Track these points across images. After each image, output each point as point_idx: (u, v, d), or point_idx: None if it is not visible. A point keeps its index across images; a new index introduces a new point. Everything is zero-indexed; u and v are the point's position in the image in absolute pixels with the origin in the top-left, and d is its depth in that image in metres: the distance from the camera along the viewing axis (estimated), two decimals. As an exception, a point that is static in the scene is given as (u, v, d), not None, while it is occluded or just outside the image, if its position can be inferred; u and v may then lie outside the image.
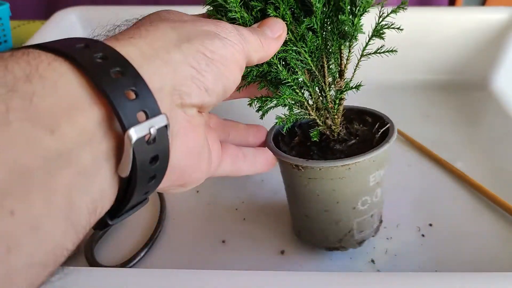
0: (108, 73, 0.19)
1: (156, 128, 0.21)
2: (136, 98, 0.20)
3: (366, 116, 0.39)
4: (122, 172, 0.20)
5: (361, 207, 0.36)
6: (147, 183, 0.22)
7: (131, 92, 0.20)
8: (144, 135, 0.20)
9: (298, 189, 0.37)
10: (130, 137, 0.19)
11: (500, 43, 0.64)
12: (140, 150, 0.20)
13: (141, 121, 0.20)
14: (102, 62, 0.20)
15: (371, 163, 0.34)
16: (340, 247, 0.39)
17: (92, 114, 0.19)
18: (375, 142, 0.35)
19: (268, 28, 0.29)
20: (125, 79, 0.20)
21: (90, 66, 0.19)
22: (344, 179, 0.34)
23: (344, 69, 0.34)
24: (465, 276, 0.30)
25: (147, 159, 0.21)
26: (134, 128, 0.20)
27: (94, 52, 0.20)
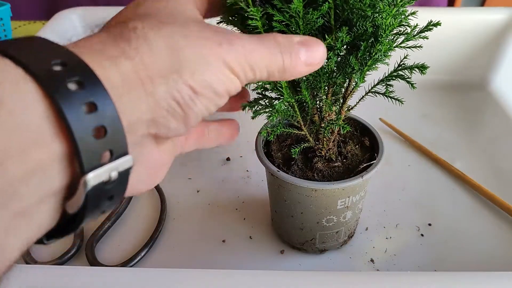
0: (80, 106, 0.17)
1: (118, 172, 0.19)
2: (105, 135, 0.18)
3: (366, 137, 0.39)
4: (70, 209, 0.19)
5: (326, 223, 0.37)
6: (96, 214, 0.20)
7: (101, 128, 0.18)
8: (103, 180, 0.18)
9: (272, 188, 0.39)
10: (86, 182, 0.18)
11: (499, 44, 0.64)
12: (95, 192, 0.18)
13: (104, 162, 0.18)
14: (76, 91, 0.17)
15: (339, 191, 0.34)
16: (303, 249, 0.40)
17: (51, 151, 0.17)
18: (357, 171, 0.35)
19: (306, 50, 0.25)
20: (97, 115, 0.18)
21: (61, 96, 0.17)
22: (310, 197, 0.35)
23: (347, 97, 0.34)
24: (464, 276, 0.30)
25: (101, 199, 0.19)
26: (93, 173, 0.18)
27: (69, 76, 0.17)
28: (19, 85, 0.16)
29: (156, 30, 0.21)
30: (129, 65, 0.19)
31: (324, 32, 0.30)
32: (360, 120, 0.40)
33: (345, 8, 0.28)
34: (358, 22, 0.28)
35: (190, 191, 0.48)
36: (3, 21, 0.71)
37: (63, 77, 0.17)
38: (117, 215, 0.44)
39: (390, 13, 0.28)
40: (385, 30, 0.28)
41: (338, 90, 0.33)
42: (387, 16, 0.28)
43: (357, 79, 0.31)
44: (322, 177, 0.35)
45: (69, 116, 0.17)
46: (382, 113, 0.57)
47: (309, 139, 0.35)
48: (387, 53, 0.30)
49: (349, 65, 0.30)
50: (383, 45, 0.29)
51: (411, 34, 0.31)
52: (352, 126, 0.39)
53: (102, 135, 0.18)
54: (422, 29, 0.31)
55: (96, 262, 0.39)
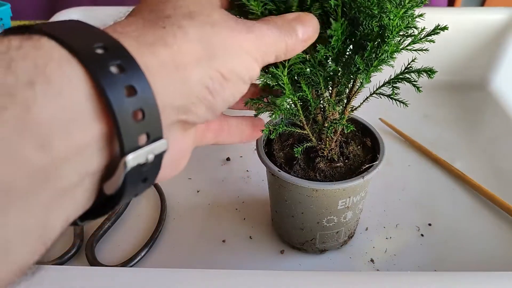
0: (122, 89, 0.18)
1: (155, 155, 0.20)
2: (143, 119, 0.19)
3: (368, 138, 0.39)
4: (108, 190, 0.19)
5: (326, 223, 0.37)
6: (131, 196, 0.21)
7: (139, 112, 0.19)
8: (140, 162, 0.19)
9: (272, 188, 0.39)
10: (126, 163, 0.18)
11: (499, 44, 0.65)
12: (133, 174, 0.19)
13: (141, 144, 0.19)
14: (118, 75, 0.18)
15: (340, 191, 0.34)
16: (303, 249, 0.40)
17: (93, 130, 0.17)
18: (359, 171, 0.35)
19: (302, 27, 0.26)
20: (136, 99, 0.18)
21: (104, 78, 0.17)
22: (311, 197, 0.35)
23: (352, 97, 0.34)
24: (464, 276, 0.30)
25: (137, 181, 0.20)
26: (133, 155, 0.18)
27: (111, 59, 0.18)
28: (65, 65, 0.17)
29: (188, 19, 0.22)
30: (165, 52, 0.20)
31: None
32: (361, 120, 0.40)
33: (353, 6, 0.28)
34: (364, 21, 0.28)
35: (190, 191, 0.48)
36: (3, 21, 0.71)
37: (106, 60, 0.18)
38: (117, 215, 0.44)
39: (397, 14, 0.28)
40: (392, 31, 0.28)
41: (343, 90, 0.33)
42: (395, 17, 0.28)
43: (362, 79, 0.31)
44: (324, 177, 0.35)
45: (112, 98, 0.17)
46: (382, 113, 0.57)
47: (312, 139, 0.35)
48: (393, 54, 0.30)
49: (354, 64, 0.30)
50: (389, 46, 0.29)
51: (418, 37, 0.31)
52: (354, 127, 0.39)
53: (141, 118, 0.19)
54: (429, 33, 0.31)
55: (96, 262, 0.39)
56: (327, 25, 0.29)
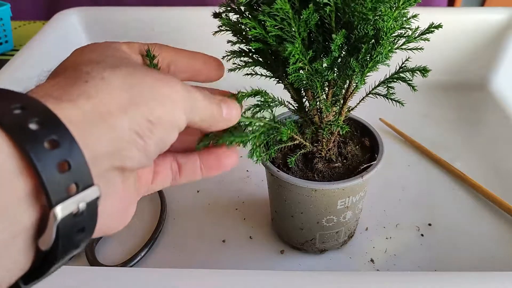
0: (42, 143, 0.18)
1: (86, 202, 0.20)
2: (69, 169, 0.19)
3: (366, 138, 0.39)
4: (43, 245, 0.19)
5: (326, 223, 0.37)
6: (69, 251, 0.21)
7: (65, 163, 0.19)
8: (72, 211, 0.19)
9: (272, 189, 0.39)
10: (55, 215, 0.18)
11: (499, 44, 0.65)
12: (66, 225, 0.19)
13: (71, 194, 0.19)
14: (38, 130, 0.18)
15: (339, 191, 0.34)
16: (303, 249, 0.40)
17: (19, 188, 0.18)
18: (357, 171, 0.35)
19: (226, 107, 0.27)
20: (59, 151, 0.18)
21: (23, 135, 0.18)
22: (310, 197, 0.35)
23: (348, 98, 0.34)
24: (464, 276, 0.30)
25: (73, 232, 0.20)
26: (61, 205, 0.18)
27: (29, 117, 0.18)
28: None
29: (110, 70, 0.22)
30: (88, 103, 0.20)
31: (324, 34, 0.30)
32: (361, 120, 0.40)
33: (346, 11, 0.28)
34: (359, 25, 0.28)
35: (190, 191, 0.48)
36: (3, 21, 0.71)
37: (24, 119, 0.18)
38: (117, 215, 0.44)
39: (391, 16, 0.28)
40: (386, 33, 0.28)
41: (339, 92, 0.33)
42: (388, 19, 0.28)
43: (357, 81, 0.31)
44: (322, 178, 0.35)
45: (33, 154, 0.18)
46: (382, 113, 0.57)
47: (306, 144, 0.35)
48: (388, 55, 0.30)
49: (350, 67, 0.30)
50: (384, 48, 0.29)
51: (412, 36, 0.31)
52: (353, 127, 0.39)
53: (66, 169, 0.19)
54: (424, 31, 0.31)
55: (96, 262, 0.39)
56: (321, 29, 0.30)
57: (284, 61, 0.31)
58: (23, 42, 0.75)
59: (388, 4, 0.28)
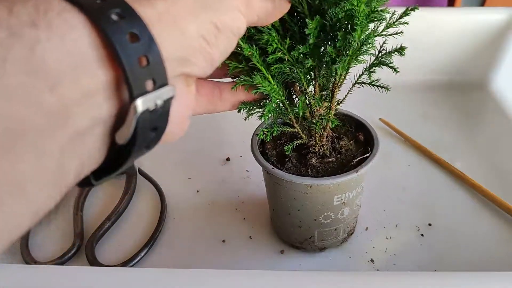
0: (125, 35, 0.18)
1: (163, 100, 0.20)
2: (148, 65, 0.19)
3: (360, 132, 0.39)
4: (120, 139, 0.20)
5: (324, 220, 0.37)
6: (142, 150, 0.21)
7: (144, 58, 0.19)
8: (149, 107, 0.19)
9: (268, 187, 0.39)
10: (136, 108, 0.19)
11: (499, 44, 0.65)
12: (143, 120, 0.19)
13: (149, 90, 0.19)
14: (119, 22, 0.18)
15: (335, 186, 0.34)
16: (302, 248, 0.40)
17: (99, 77, 0.18)
18: (351, 165, 0.35)
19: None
20: (140, 45, 0.19)
21: (107, 25, 0.17)
22: (306, 194, 0.35)
23: (335, 90, 0.34)
24: (464, 276, 0.30)
25: (148, 129, 0.20)
26: (142, 99, 0.19)
27: (111, 8, 0.18)
28: (65, 14, 0.17)
29: None
30: (162, 4, 0.21)
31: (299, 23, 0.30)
32: (355, 116, 0.40)
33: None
34: (329, 10, 0.28)
35: (190, 191, 0.48)
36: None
37: (106, 8, 0.18)
38: (117, 215, 0.44)
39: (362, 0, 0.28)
40: (358, 18, 0.28)
41: (326, 85, 0.33)
42: (359, 3, 0.28)
43: (338, 69, 0.31)
44: (316, 173, 0.35)
45: (117, 44, 0.18)
46: (382, 113, 0.57)
47: (302, 136, 0.35)
48: (367, 41, 0.30)
49: (328, 54, 0.30)
50: (356, 32, 0.29)
51: (391, 22, 0.31)
52: (347, 123, 0.39)
53: (146, 64, 0.19)
54: (401, 15, 0.31)
55: (96, 262, 0.39)
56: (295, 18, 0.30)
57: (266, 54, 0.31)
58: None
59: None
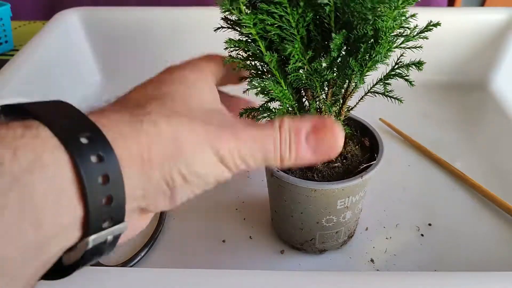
0: (98, 177, 0.20)
1: (114, 235, 0.22)
2: (109, 204, 0.21)
3: (366, 138, 0.39)
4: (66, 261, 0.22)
5: (325, 223, 0.37)
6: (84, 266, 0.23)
7: (108, 199, 0.20)
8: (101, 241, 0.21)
9: (271, 188, 0.39)
10: (87, 243, 0.21)
11: (499, 44, 0.64)
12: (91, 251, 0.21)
13: (104, 227, 0.21)
14: (97, 163, 0.20)
15: (339, 191, 0.34)
16: (302, 249, 0.40)
17: (75, 212, 0.20)
18: (357, 171, 0.35)
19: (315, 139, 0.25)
20: (108, 186, 0.20)
21: (85, 167, 0.20)
22: (309, 197, 0.35)
23: (347, 98, 0.34)
24: (464, 276, 0.30)
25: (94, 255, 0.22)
26: (95, 236, 0.21)
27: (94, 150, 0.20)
28: (55, 152, 0.19)
29: (166, 119, 0.23)
30: (136, 147, 0.22)
31: (323, 33, 0.30)
32: (360, 120, 0.40)
33: (346, 11, 0.28)
34: (358, 25, 0.28)
35: (190, 191, 0.48)
36: (3, 21, 0.71)
37: (89, 151, 0.20)
38: (117, 215, 0.44)
39: (390, 16, 0.28)
40: (385, 33, 0.28)
41: (338, 91, 0.33)
42: (387, 19, 0.28)
43: (357, 81, 0.31)
44: (322, 178, 0.35)
45: (88, 186, 0.20)
46: (382, 113, 0.57)
47: None
48: (387, 54, 0.30)
49: (349, 67, 0.30)
50: (383, 47, 0.29)
51: (411, 36, 0.31)
52: (353, 127, 0.39)
53: (109, 203, 0.21)
54: (422, 30, 0.31)
55: (96, 262, 0.39)
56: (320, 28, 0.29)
57: (284, 61, 0.31)
58: (23, 42, 0.75)
59: (388, 4, 0.28)
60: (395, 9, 0.28)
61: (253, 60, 0.32)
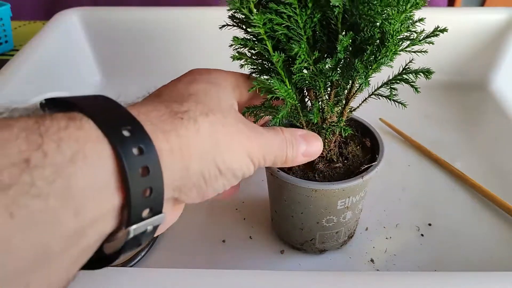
0: (138, 169, 0.21)
1: (153, 226, 0.23)
2: (150, 196, 0.22)
3: (367, 138, 0.39)
4: (108, 250, 0.23)
5: (326, 223, 0.37)
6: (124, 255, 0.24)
7: (148, 190, 0.22)
8: (140, 232, 0.22)
9: (271, 188, 0.39)
10: (128, 233, 0.22)
11: (499, 44, 0.64)
12: (132, 241, 0.22)
13: (144, 217, 0.22)
14: (138, 156, 0.21)
15: (339, 191, 0.34)
16: (302, 249, 0.40)
17: (114, 201, 0.21)
18: (358, 172, 0.35)
19: (306, 145, 0.31)
20: (148, 178, 0.21)
21: (127, 158, 0.20)
22: (310, 197, 0.35)
23: (350, 99, 0.34)
24: (464, 276, 0.30)
25: (134, 245, 0.23)
26: (135, 226, 0.22)
27: (134, 142, 0.21)
28: (98, 145, 0.20)
29: (204, 116, 0.25)
30: (176, 141, 0.23)
31: (329, 34, 0.30)
32: (361, 120, 0.40)
33: (354, 13, 0.28)
34: (366, 28, 0.28)
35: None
36: (3, 21, 0.71)
37: (131, 143, 0.21)
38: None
39: (398, 19, 0.28)
40: (392, 36, 0.28)
41: (341, 92, 0.33)
42: (395, 22, 0.28)
43: (361, 82, 0.31)
44: (323, 178, 0.35)
45: (130, 178, 0.21)
46: (382, 113, 0.57)
47: None
48: (393, 57, 0.30)
49: (354, 68, 0.30)
50: (389, 50, 0.29)
51: (417, 39, 0.31)
52: (353, 127, 0.39)
53: (148, 195, 0.22)
54: (429, 34, 0.31)
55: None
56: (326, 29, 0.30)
57: (289, 61, 0.31)
58: (23, 42, 0.75)
59: (396, 8, 0.28)
60: (403, 12, 0.28)
61: (258, 58, 0.32)
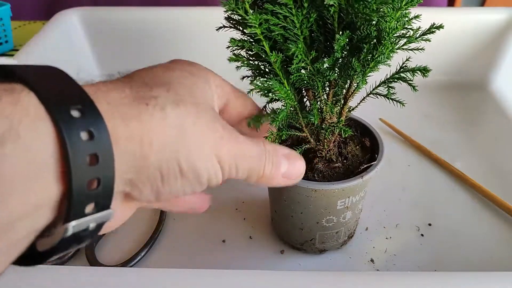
0: (85, 156, 0.18)
1: (96, 224, 0.20)
2: (96, 188, 0.19)
3: (367, 138, 0.39)
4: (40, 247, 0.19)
5: (325, 223, 0.37)
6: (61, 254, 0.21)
7: (95, 181, 0.18)
8: (81, 229, 0.19)
9: (271, 188, 0.39)
10: (66, 231, 0.18)
11: (499, 44, 0.64)
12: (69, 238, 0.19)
13: (87, 212, 0.19)
14: (86, 141, 0.18)
15: (339, 191, 0.34)
16: (302, 249, 0.40)
17: (51, 191, 0.18)
18: (357, 171, 0.35)
19: (288, 165, 0.27)
20: (96, 168, 0.18)
21: (72, 143, 0.17)
22: (310, 197, 0.35)
23: (348, 98, 0.34)
24: (464, 276, 0.30)
25: (72, 244, 0.20)
26: (75, 222, 0.18)
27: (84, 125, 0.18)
28: (38, 122, 0.17)
29: (174, 106, 0.22)
30: (138, 127, 0.20)
31: (326, 34, 0.30)
32: (361, 120, 0.40)
33: (350, 11, 0.28)
34: (362, 26, 0.28)
35: (190, 191, 0.48)
36: (3, 21, 0.71)
37: (79, 125, 0.18)
38: (117, 215, 0.44)
39: (394, 17, 0.28)
40: (388, 34, 0.28)
41: (340, 92, 0.33)
42: (391, 19, 0.28)
43: (359, 81, 0.31)
44: (322, 178, 0.35)
45: (73, 166, 0.17)
46: (382, 113, 0.57)
47: (310, 140, 0.35)
48: (390, 55, 0.30)
49: (351, 67, 0.30)
50: (386, 48, 0.29)
51: (413, 37, 0.31)
52: (353, 127, 0.39)
53: (95, 187, 0.19)
54: (425, 32, 0.31)
55: (96, 262, 0.39)
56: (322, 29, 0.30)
57: (286, 61, 0.31)
58: (23, 42, 0.75)
59: (391, 5, 0.28)
60: (398, 10, 0.28)
61: (255, 60, 0.32)
